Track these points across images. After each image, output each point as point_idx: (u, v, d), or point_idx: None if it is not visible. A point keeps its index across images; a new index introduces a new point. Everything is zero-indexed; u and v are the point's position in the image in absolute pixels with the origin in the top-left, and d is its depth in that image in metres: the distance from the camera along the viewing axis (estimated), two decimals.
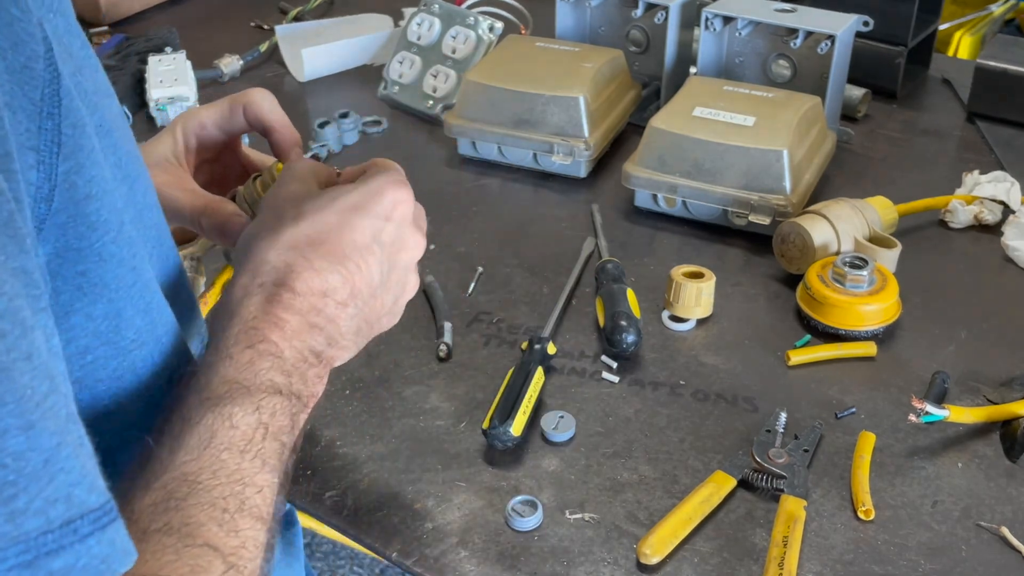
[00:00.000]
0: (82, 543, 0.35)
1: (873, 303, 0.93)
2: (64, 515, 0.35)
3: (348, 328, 0.60)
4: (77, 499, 0.35)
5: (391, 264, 0.62)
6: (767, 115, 1.09)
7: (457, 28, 1.34)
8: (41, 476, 0.34)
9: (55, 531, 0.34)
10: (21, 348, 0.34)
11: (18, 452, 0.33)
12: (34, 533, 0.34)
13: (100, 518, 0.36)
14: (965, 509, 0.77)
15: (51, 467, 0.34)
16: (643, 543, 0.73)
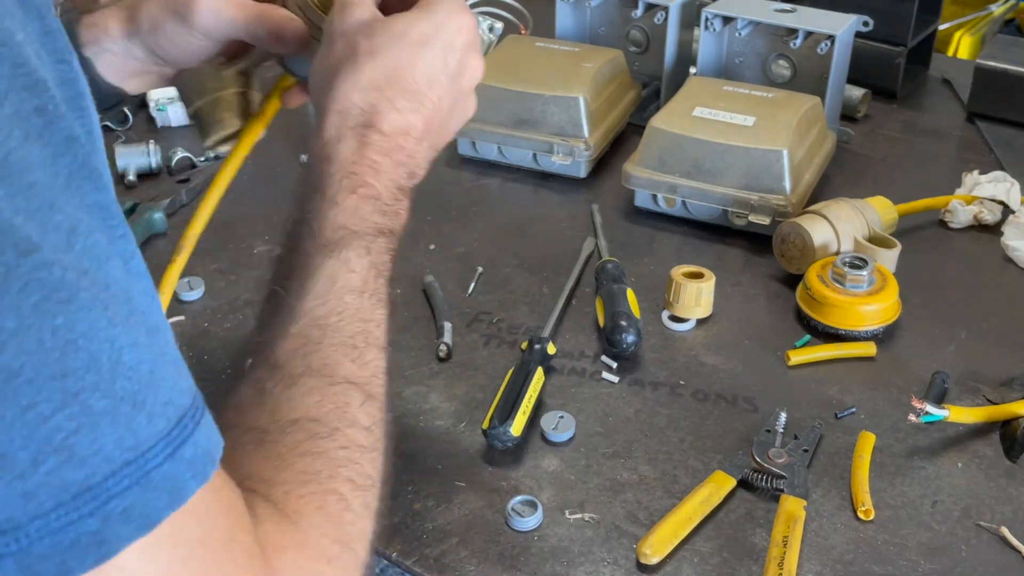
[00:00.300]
0: (193, 435, 0.40)
1: (873, 303, 0.93)
2: (175, 415, 0.39)
3: (424, 159, 0.64)
4: (178, 402, 0.40)
5: (457, 91, 0.65)
6: (767, 115, 1.09)
7: None
8: (153, 383, 0.38)
9: (175, 428, 0.39)
10: (100, 280, 0.37)
11: (133, 365, 0.37)
12: (165, 431, 0.38)
13: (194, 414, 0.40)
14: (965, 509, 0.77)
15: (155, 375, 0.38)
16: (643, 543, 0.73)
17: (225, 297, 0.99)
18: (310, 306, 0.55)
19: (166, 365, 0.40)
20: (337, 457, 0.50)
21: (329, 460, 0.50)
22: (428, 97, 0.63)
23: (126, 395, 0.37)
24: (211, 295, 1.00)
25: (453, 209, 1.14)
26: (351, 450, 0.51)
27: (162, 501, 0.38)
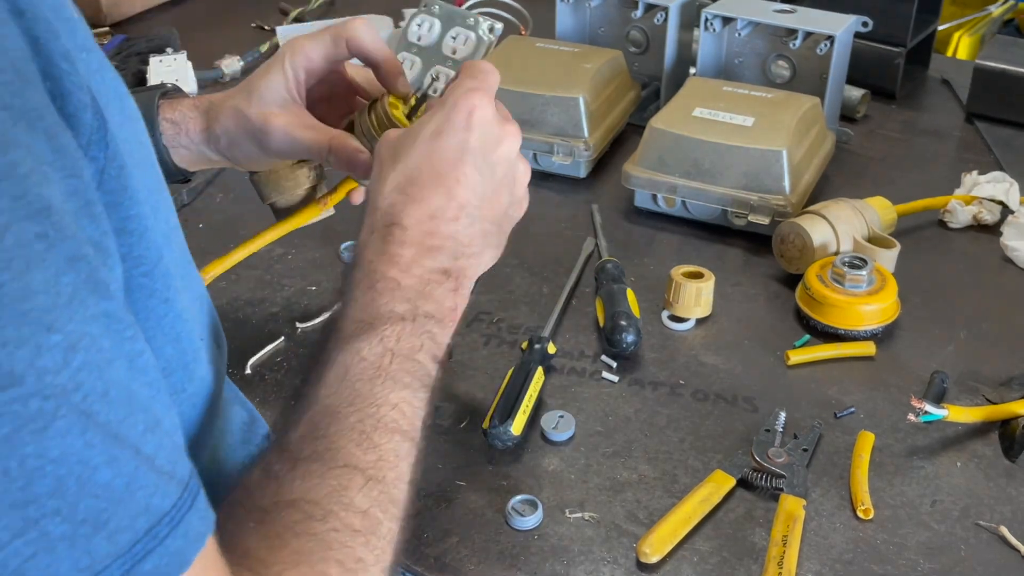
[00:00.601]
0: (162, 545, 0.40)
1: (872, 303, 0.93)
2: (146, 524, 0.39)
3: (469, 236, 0.65)
4: (154, 507, 0.40)
5: (490, 164, 0.66)
6: (766, 115, 1.09)
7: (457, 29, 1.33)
8: (124, 498, 0.39)
9: (141, 540, 0.39)
10: (98, 389, 0.38)
11: (105, 483, 0.38)
12: (126, 546, 0.38)
13: (174, 516, 0.41)
14: (964, 508, 0.77)
15: (132, 487, 0.39)
16: (643, 542, 0.73)
17: (226, 297, 0.99)
18: (322, 394, 0.57)
19: (150, 471, 0.40)
20: (328, 540, 0.51)
21: (320, 542, 0.50)
22: (449, 177, 0.64)
23: (88, 517, 0.37)
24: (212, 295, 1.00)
25: None
26: (342, 533, 0.51)
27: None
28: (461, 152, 0.65)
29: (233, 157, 0.81)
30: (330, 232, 1.07)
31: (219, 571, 0.45)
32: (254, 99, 0.78)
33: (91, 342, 0.38)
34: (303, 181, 0.87)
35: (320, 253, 1.05)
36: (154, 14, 1.62)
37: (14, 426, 0.35)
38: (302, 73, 0.78)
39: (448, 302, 0.64)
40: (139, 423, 0.40)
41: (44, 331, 0.37)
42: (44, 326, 0.37)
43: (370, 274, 0.62)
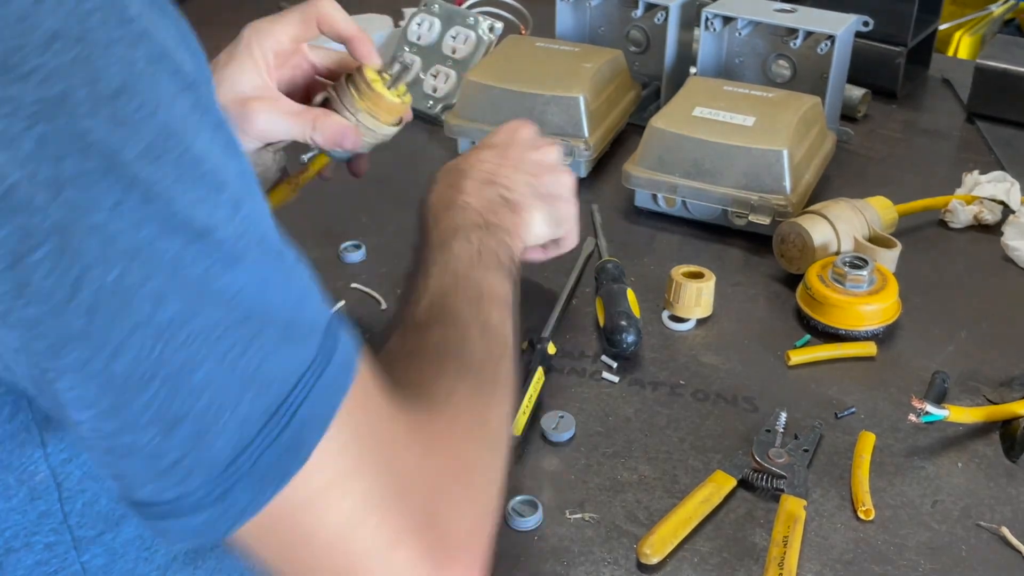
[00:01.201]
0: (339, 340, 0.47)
1: (873, 303, 0.93)
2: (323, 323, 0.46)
3: (519, 181, 0.81)
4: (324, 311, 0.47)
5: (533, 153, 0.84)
6: (767, 115, 1.09)
7: (457, 28, 1.34)
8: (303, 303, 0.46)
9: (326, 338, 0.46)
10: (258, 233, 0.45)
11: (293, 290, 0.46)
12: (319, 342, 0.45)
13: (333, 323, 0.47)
14: (965, 509, 0.77)
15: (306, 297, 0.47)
16: (643, 543, 0.73)
17: None
18: (430, 283, 0.68)
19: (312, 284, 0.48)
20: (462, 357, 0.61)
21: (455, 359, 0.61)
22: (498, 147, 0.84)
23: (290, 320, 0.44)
24: None
25: None
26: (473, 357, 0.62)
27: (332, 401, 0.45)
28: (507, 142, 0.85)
29: None
30: (330, 232, 1.07)
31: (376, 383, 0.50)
32: (225, 87, 0.77)
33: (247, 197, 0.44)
34: (271, 164, 0.86)
35: (320, 253, 1.05)
36: None
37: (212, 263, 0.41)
38: (271, 56, 0.78)
39: (510, 218, 0.77)
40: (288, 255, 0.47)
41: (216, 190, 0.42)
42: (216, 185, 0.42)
43: (445, 203, 0.76)
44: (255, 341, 0.42)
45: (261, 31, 0.78)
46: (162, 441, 0.41)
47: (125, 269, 0.39)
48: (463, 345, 0.62)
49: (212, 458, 0.42)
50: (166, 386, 0.40)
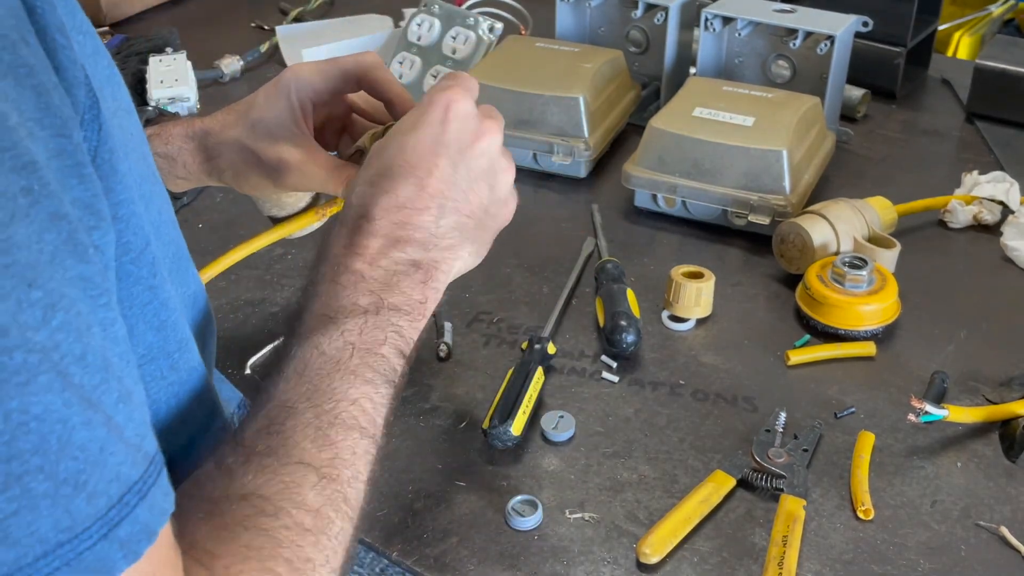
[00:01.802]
0: (133, 512, 0.40)
1: (872, 303, 0.93)
2: (118, 491, 0.40)
3: (442, 228, 0.63)
4: (124, 475, 0.40)
5: (466, 158, 0.65)
6: (767, 115, 1.09)
7: (457, 28, 1.34)
8: (99, 461, 0.39)
9: (115, 506, 0.39)
10: (75, 351, 0.38)
11: (82, 444, 0.38)
12: (103, 510, 0.39)
13: (141, 488, 0.41)
14: (964, 509, 0.77)
15: (105, 452, 0.39)
16: (643, 542, 0.73)
17: (225, 297, 0.99)
18: (281, 390, 0.56)
19: (120, 440, 0.40)
20: (278, 537, 0.50)
21: (270, 538, 0.50)
22: (420, 167, 0.63)
23: (69, 477, 0.37)
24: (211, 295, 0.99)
25: None
26: (292, 531, 0.51)
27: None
28: (435, 145, 0.64)
29: (237, 186, 0.79)
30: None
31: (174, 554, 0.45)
32: (260, 132, 0.75)
33: (70, 304, 0.38)
34: (304, 195, 0.86)
35: None
36: (153, 14, 1.62)
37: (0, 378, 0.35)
38: (309, 106, 0.76)
39: (417, 294, 0.62)
40: (112, 391, 0.40)
41: (25, 286, 0.36)
42: (26, 281, 0.37)
43: (335, 267, 0.60)
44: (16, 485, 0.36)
45: (301, 79, 0.75)
46: None
47: None
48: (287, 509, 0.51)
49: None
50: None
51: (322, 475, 0.53)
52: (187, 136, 0.78)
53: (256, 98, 0.77)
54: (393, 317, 0.60)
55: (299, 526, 0.51)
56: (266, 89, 0.76)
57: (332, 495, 0.53)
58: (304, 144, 0.75)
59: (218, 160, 0.77)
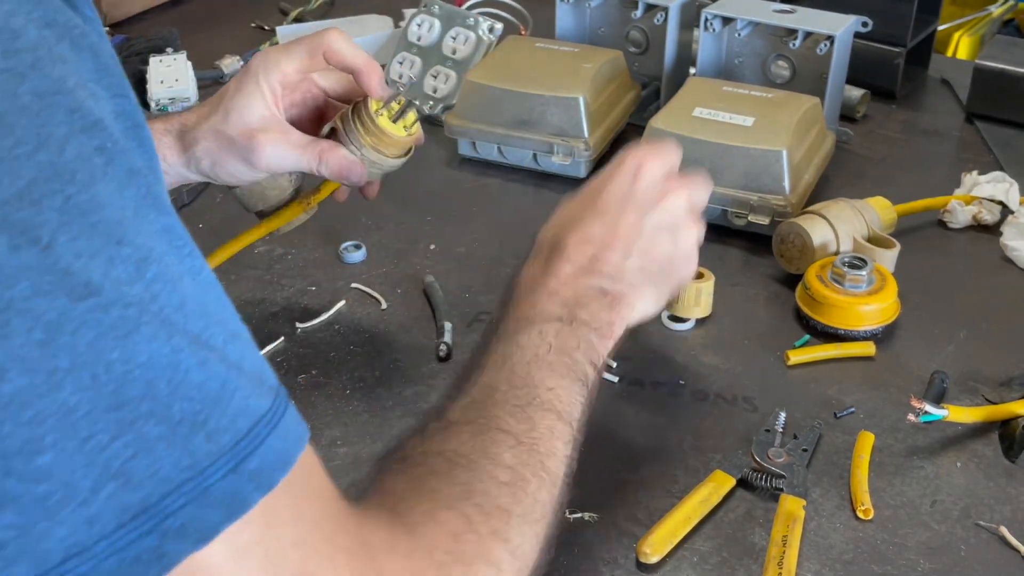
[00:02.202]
0: (264, 444, 0.41)
1: (872, 303, 0.93)
2: (246, 425, 0.40)
3: (628, 268, 0.69)
4: (251, 409, 0.41)
5: (652, 211, 0.72)
6: (766, 115, 1.09)
7: (457, 29, 1.34)
8: (221, 399, 0.39)
9: (243, 439, 0.40)
10: (174, 302, 0.39)
11: (198, 384, 0.39)
12: (228, 446, 0.39)
13: (271, 418, 0.41)
14: (964, 509, 0.77)
15: (227, 388, 0.40)
16: (643, 542, 0.73)
17: None
18: (482, 377, 0.61)
19: (241, 375, 0.41)
20: (470, 487, 0.52)
21: (462, 487, 0.52)
22: (609, 213, 0.70)
23: (184, 418, 0.38)
24: None
25: (453, 209, 1.14)
26: (487, 483, 0.53)
27: (217, 516, 0.39)
28: (624, 196, 0.71)
29: (216, 176, 0.81)
30: (330, 232, 1.07)
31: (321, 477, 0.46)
32: (233, 118, 0.77)
33: (160, 256, 0.39)
34: (286, 186, 0.87)
35: (320, 253, 1.05)
36: (154, 14, 1.62)
37: (97, 333, 0.36)
38: (278, 87, 0.78)
39: (604, 315, 0.67)
40: (218, 333, 0.41)
41: (115, 243, 0.37)
42: (114, 238, 0.37)
43: (531, 285, 0.68)
44: (130, 431, 0.37)
45: (268, 63, 0.78)
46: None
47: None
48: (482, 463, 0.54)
49: (41, 553, 0.36)
50: None
51: (519, 441, 0.56)
52: (165, 131, 0.81)
53: (229, 86, 0.79)
54: (583, 330, 0.65)
55: (494, 479, 0.53)
56: (237, 77, 0.79)
57: (529, 459, 0.55)
58: (275, 124, 0.78)
59: (195, 150, 0.79)
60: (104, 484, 0.37)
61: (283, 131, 0.78)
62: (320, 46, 0.78)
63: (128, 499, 0.37)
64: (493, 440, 0.55)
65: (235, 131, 0.77)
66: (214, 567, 0.40)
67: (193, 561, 0.39)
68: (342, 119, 0.79)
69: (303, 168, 0.79)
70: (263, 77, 0.78)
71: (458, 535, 0.50)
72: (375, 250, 1.06)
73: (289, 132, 0.79)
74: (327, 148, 0.78)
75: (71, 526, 0.36)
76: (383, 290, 1.00)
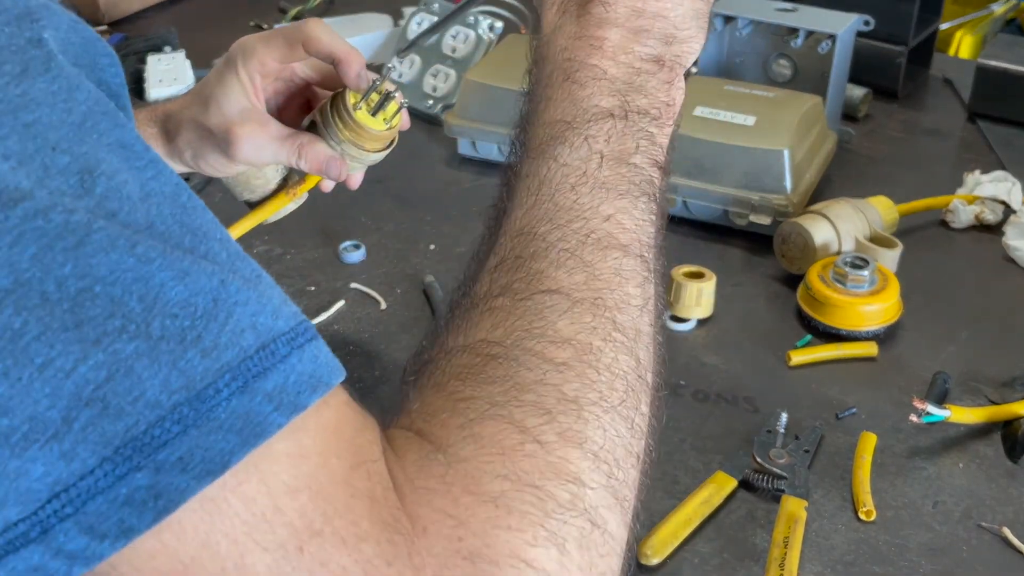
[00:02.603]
0: (284, 362, 0.35)
1: (874, 303, 0.92)
2: (256, 342, 0.35)
3: (681, 15, 0.53)
4: (263, 326, 0.35)
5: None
6: (768, 115, 1.09)
7: (457, 27, 1.34)
8: (215, 314, 0.34)
9: (253, 356, 0.34)
10: (137, 220, 0.34)
11: (182, 300, 0.34)
12: (234, 362, 0.34)
13: (294, 339, 0.36)
14: (966, 510, 0.77)
15: (223, 303, 0.35)
16: (643, 544, 0.72)
17: None
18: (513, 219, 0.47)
19: (245, 289, 0.35)
20: (518, 382, 0.41)
21: (503, 384, 0.41)
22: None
23: (167, 335, 0.33)
24: None
25: (453, 209, 1.13)
26: (537, 369, 0.41)
27: (228, 443, 0.33)
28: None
29: (199, 167, 0.80)
30: (330, 232, 1.07)
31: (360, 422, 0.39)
32: (212, 109, 0.76)
33: (112, 170, 0.35)
34: (272, 176, 0.86)
35: (319, 253, 1.05)
36: (152, 13, 1.62)
37: (40, 245, 0.32)
38: (257, 77, 0.77)
39: (663, 96, 0.52)
40: (219, 251, 0.36)
41: (49, 149, 0.33)
42: (49, 143, 0.33)
43: (565, 65, 0.51)
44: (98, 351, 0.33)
45: (247, 51, 0.76)
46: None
47: None
48: (526, 345, 0.42)
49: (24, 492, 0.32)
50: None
51: (574, 300, 0.43)
52: (150, 120, 0.80)
53: (210, 75, 0.78)
54: (642, 122, 0.50)
55: (548, 362, 0.41)
56: (218, 66, 0.78)
57: (593, 321, 0.43)
58: (254, 115, 0.76)
59: (177, 140, 0.78)
60: (76, 414, 0.32)
61: (262, 123, 0.76)
62: (299, 35, 0.76)
63: (109, 429, 0.32)
64: (537, 309, 0.42)
65: (214, 122, 0.76)
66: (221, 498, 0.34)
67: (205, 500, 0.34)
68: (321, 112, 0.78)
69: (282, 161, 0.77)
70: (242, 66, 0.76)
71: (511, 451, 0.39)
72: (375, 250, 1.05)
73: (268, 124, 0.76)
74: (306, 142, 0.76)
75: (45, 463, 0.32)
76: (383, 290, 1.00)
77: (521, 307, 0.43)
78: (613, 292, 0.44)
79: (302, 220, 0.93)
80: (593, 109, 0.49)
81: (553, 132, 0.49)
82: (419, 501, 0.37)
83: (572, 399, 0.40)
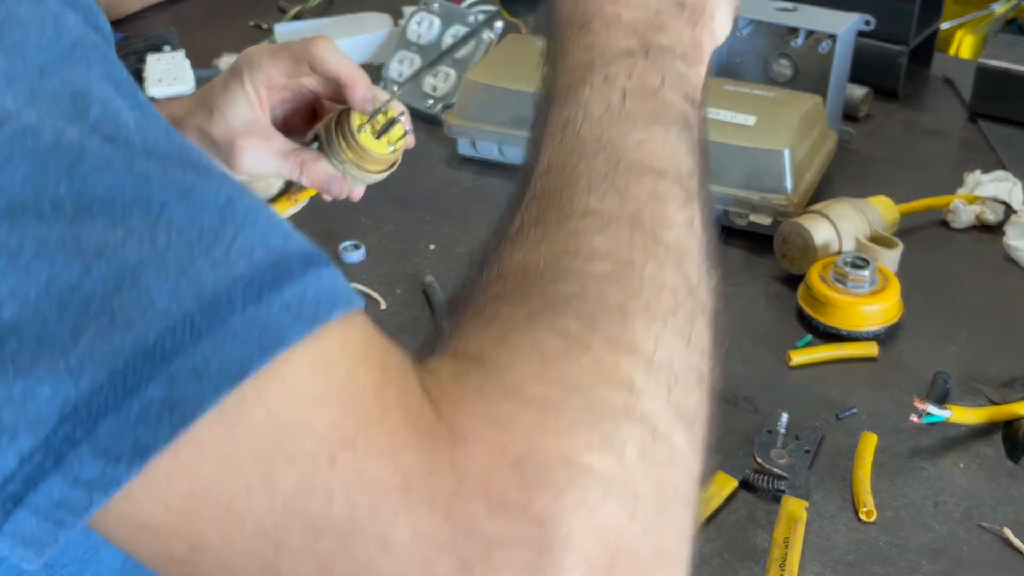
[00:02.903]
0: (301, 278, 0.33)
1: (875, 303, 0.92)
2: (267, 258, 0.33)
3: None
4: (274, 245, 0.34)
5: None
6: (768, 115, 1.09)
7: (457, 27, 1.34)
8: (221, 232, 0.33)
9: (266, 270, 0.33)
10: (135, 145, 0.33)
11: (187, 217, 0.33)
12: (245, 272, 0.32)
13: (310, 259, 0.34)
14: (967, 510, 0.77)
15: (229, 222, 0.33)
16: None
17: None
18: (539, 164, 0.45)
19: (251, 209, 0.34)
20: (558, 294, 0.38)
21: (540, 299, 0.38)
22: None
23: (172, 245, 0.32)
24: None
25: (453, 209, 1.13)
26: (575, 283, 0.39)
27: (248, 350, 0.32)
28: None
29: None
30: (330, 232, 1.06)
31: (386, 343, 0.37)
32: (216, 118, 0.75)
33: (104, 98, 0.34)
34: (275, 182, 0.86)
35: None
36: (152, 12, 1.62)
37: (32, 164, 0.31)
38: (263, 90, 0.76)
39: (687, 35, 0.50)
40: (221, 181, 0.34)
41: (36, 72, 0.32)
42: (36, 66, 0.32)
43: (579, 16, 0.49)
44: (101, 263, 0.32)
45: (253, 64, 0.76)
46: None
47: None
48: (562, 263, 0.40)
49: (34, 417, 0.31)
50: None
51: (609, 219, 0.41)
52: None
53: (216, 82, 0.77)
54: (666, 59, 0.48)
55: (586, 275, 0.39)
56: (224, 74, 0.77)
57: (632, 237, 0.41)
58: (258, 128, 0.76)
59: None
60: (84, 327, 0.31)
61: (265, 137, 0.76)
62: (306, 55, 0.76)
63: (117, 341, 0.31)
64: (572, 230, 0.40)
65: (217, 132, 0.75)
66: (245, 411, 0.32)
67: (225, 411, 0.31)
68: (326, 129, 0.77)
69: (284, 175, 0.77)
70: (248, 78, 0.76)
71: (554, 358, 0.36)
72: (375, 250, 1.05)
73: (271, 138, 0.76)
74: (308, 159, 0.76)
75: (53, 382, 0.31)
76: (383, 290, 1.00)
77: (554, 232, 0.41)
78: (651, 211, 0.42)
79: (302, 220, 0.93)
80: (611, 51, 0.47)
81: (572, 78, 0.47)
82: (457, 411, 0.35)
83: (617, 308, 0.38)
